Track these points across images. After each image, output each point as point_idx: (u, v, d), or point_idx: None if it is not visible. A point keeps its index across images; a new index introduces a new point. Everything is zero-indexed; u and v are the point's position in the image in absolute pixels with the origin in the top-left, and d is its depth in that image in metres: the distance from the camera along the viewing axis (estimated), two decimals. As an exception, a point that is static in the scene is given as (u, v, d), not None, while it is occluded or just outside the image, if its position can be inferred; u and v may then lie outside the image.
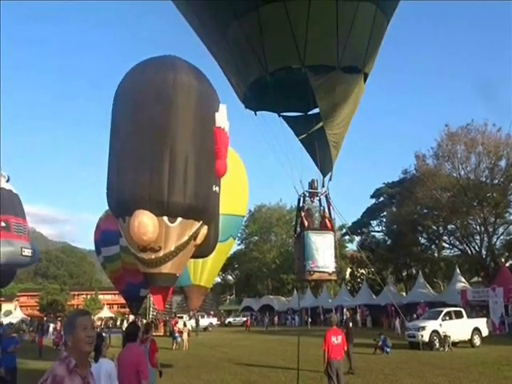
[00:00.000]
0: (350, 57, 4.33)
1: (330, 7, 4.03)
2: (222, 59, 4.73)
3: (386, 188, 45.93)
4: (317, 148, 4.87)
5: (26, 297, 71.43)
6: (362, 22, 4.24)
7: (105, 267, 21.40)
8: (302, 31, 4.06)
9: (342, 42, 4.18)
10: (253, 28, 4.11)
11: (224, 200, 19.84)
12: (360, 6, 4.08)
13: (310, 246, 6.09)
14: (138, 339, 5.17)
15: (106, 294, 68.58)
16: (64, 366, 2.26)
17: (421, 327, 18.13)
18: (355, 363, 12.16)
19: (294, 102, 4.76)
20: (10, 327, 12.73)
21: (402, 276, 45.68)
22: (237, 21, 4.15)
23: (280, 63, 4.24)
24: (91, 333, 2.36)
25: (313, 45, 4.14)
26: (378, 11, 4.31)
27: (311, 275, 6.16)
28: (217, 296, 59.97)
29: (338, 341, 7.38)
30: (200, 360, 16.01)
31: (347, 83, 4.46)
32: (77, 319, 2.37)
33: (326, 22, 4.13)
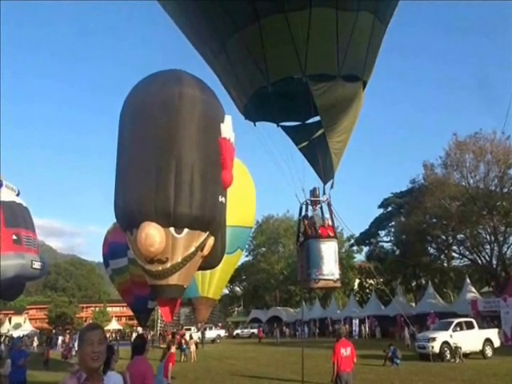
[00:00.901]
0: (350, 65, 4.42)
1: (330, 17, 4.13)
2: (222, 71, 4.82)
3: (394, 198, 45.70)
4: (317, 156, 4.91)
5: (35, 310, 71.62)
6: (361, 31, 4.34)
7: (113, 280, 21.49)
8: (302, 41, 4.14)
9: (342, 51, 4.27)
10: (254, 40, 4.18)
11: (231, 212, 19.88)
12: (359, 15, 4.19)
13: (314, 254, 6.09)
14: (145, 352, 5.17)
15: (115, 307, 68.57)
16: (75, 379, 2.28)
17: (431, 338, 17.89)
18: None
19: (293, 111, 4.83)
20: (20, 340, 12.82)
21: (411, 286, 45.18)
22: (238, 33, 4.22)
23: (281, 74, 4.32)
24: (97, 348, 2.32)
25: (313, 54, 4.19)
26: (375, 20, 4.41)
27: (317, 283, 6.18)
28: (225, 308, 59.72)
29: (347, 352, 7.32)
30: (208, 372, 15.92)
31: (347, 91, 4.54)
32: (85, 334, 2.37)
33: (326, 32, 4.20)
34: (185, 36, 5.04)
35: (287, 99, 4.56)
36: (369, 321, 36.44)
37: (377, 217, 47.82)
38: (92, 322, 3.49)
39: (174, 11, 4.88)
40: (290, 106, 4.72)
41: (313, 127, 4.85)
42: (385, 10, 4.56)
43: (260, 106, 4.73)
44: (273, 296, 56.95)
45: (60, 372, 17.28)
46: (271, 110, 4.73)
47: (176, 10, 4.81)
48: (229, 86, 4.91)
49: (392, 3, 4.69)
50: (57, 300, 64.83)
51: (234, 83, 4.72)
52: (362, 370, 15.24)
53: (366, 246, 50.81)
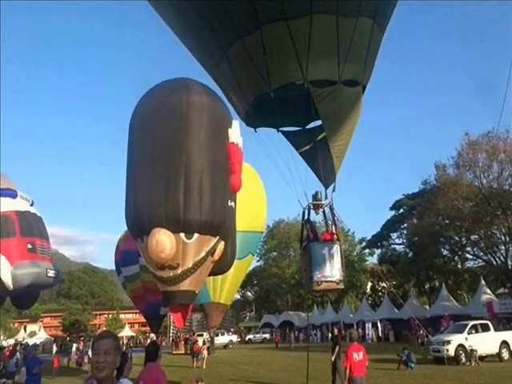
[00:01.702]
0: (350, 70, 4.47)
1: (331, 23, 4.20)
2: (223, 78, 4.89)
3: (406, 199, 45.34)
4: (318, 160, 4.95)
5: (49, 317, 72.25)
6: (361, 36, 4.40)
7: (125, 287, 21.63)
8: (303, 48, 4.20)
9: (342, 57, 4.35)
10: (256, 47, 4.24)
11: (242, 217, 19.90)
12: (358, 20, 4.28)
13: (316, 256, 6.17)
14: (158, 358, 5.17)
15: (127, 313, 68.88)
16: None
17: (446, 341, 17.64)
18: None
19: (293, 116, 4.89)
20: (34, 348, 12.99)
21: (425, 289, 44.68)
22: (240, 40, 4.29)
23: (283, 80, 4.39)
24: (102, 358, 2.30)
25: (314, 60, 4.24)
26: (374, 25, 4.49)
27: (319, 285, 6.21)
28: (236, 313, 59.58)
29: (359, 357, 7.29)
30: (221, 378, 15.89)
31: (348, 96, 4.61)
32: (94, 343, 2.38)
33: (326, 38, 4.27)
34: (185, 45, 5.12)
35: (288, 105, 4.64)
36: (382, 324, 36.07)
37: (388, 219, 47.49)
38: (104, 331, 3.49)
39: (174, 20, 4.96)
40: (290, 112, 4.80)
41: (313, 132, 4.91)
42: (383, 14, 4.64)
43: (261, 112, 4.80)
44: (284, 300, 56.74)
45: (74, 378, 17.42)
46: (272, 116, 4.81)
47: (177, 19, 4.90)
48: (230, 92, 4.97)
49: (390, 8, 4.71)
50: (71, 308, 65.34)
51: (236, 90, 4.79)
52: (375, 374, 15.08)
53: (378, 248, 50.46)
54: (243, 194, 16.11)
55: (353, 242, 56.11)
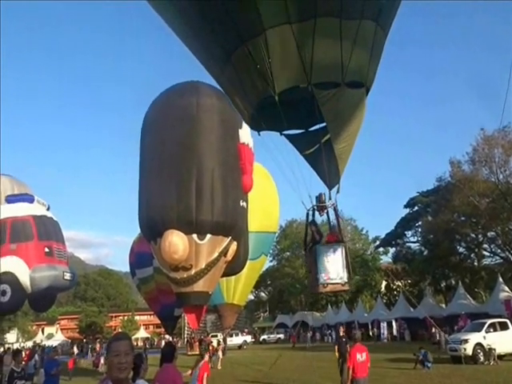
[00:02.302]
0: (354, 72, 4.48)
1: (334, 27, 4.25)
2: (228, 83, 4.92)
3: (421, 197, 44.83)
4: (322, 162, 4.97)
5: (66, 320, 73.17)
6: (364, 39, 4.46)
7: (140, 289, 21.80)
8: (307, 51, 4.25)
9: (345, 59, 4.39)
10: (260, 51, 4.29)
11: (255, 217, 19.85)
12: (362, 23, 4.33)
13: (321, 259, 6.20)
14: (174, 359, 5.17)
15: (142, 315, 69.40)
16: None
17: (463, 340, 17.37)
18: None
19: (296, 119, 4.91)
20: (52, 350, 13.20)
21: (441, 287, 44.11)
22: (244, 45, 4.33)
23: (288, 83, 4.38)
24: (124, 359, 2.30)
25: (318, 63, 4.29)
26: (377, 28, 4.54)
27: (325, 287, 6.23)
28: (250, 313, 59.65)
29: (362, 358, 7.22)
30: (235, 379, 15.90)
31: (352, 97, 4.60)
32: (111, 344, 2.37)
33: (330, 41, 4.31)
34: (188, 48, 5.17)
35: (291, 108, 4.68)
36: (397, 323, 35.68)
37: (403, 217, 47.02)
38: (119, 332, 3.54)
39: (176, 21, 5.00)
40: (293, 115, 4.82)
41: (317, 134, 4.94)
42: (386, 17, 4.69)
43: (265, 115, 4.83)
44: (298, 300, 56.56)
45: (90, 379, 17.61)
46: (275, 119, 4.84)
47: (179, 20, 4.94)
48: (234, 96, 5.02)
49: (393, 11, 4.76)
50: (87, 310, 66.02)
51: (240, 93, 4.81)
52: (391, 373, 14.94)
53: (392, 247, 50.00)
54: (255, 195, 16.11)
55: (366, 241, 55.70)
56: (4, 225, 17.02)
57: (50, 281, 16.69)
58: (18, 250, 16.67)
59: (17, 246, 16.73)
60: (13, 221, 17.04)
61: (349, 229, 57.04)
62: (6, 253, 16.66)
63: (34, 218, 17.35)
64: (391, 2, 4.71)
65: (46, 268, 16.67)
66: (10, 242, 16.83)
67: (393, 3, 4.75)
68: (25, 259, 16.56)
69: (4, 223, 17.04)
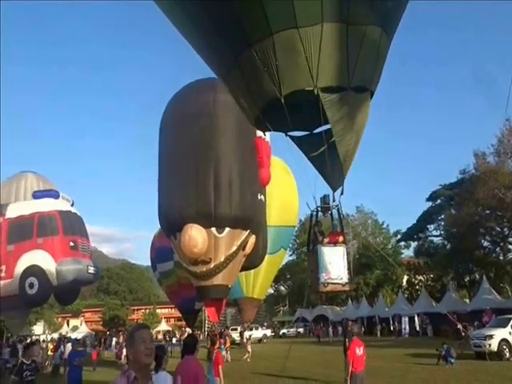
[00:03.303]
0: (359, 77, 4.57)
1: (341, 32, 4.38)
2: (235, 84, 4.98)
3: (444, 190, 43.97)
4: (326, 164, 5.02)
5: (90, 312, 74.89)
6: (370, 44, 4.56)
7: (161, 283, 22.11)
8: (314, 55, 4.36)
9: (351, 64, 4.50)
10: (267, 53, 4.41)
11: (274, 212, 19.84)
12: (368, 29, 4.45)
13: (323, 259, 6.40)
14: (196, 351, 5.20)
15: (164, 308, 70.43)
16: (124, 378, 2.34)
17: (488, 336, 17.00)
18: None
19: (301, 121, 5.03)
20: (76, 342, 13.61)
21: (465, 282, 43.24)
22: (251, 47, 4.43)
23: (294, 86, 4.47)
24: (150, 345, 2.41)
25: (325, 67, 4.41)
26: (383, 34, 4.63)
27: (326, 287, 6.43)
28: (270, 307, 59.80)
29: (360, 352, 7.38)
30: (255, 372, 15.94)
31: (357, 102, 4.68)
32: (136, 333, 2.46)
33: (337, 46, 4.42)
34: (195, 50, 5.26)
35: (296, 110, 4.81)
36: (419, 318, 35.17)
37: (425, 210, 46.23)
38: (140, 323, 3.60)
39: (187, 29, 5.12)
40: (298, 117, 4.95)
41: (321, 136, 5.06)
42: (391, 22, 4.80)
43: (270, 116, 4.86)
44: (318, 295, 56.40)
45: (113, 369, 17.95)
46: (281, 121, 4.86)
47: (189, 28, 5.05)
48: (240, 97, 5.07)
49: (398, 16, 4.86)
50: (110, 303, 67.40)
51: (246, 95, 4.89)
52: (414, 368, 14.75)
53: (414, 241, 49.27)
54: (275, 189, 16.08)
55: (387, 235, 55.03)
56: (31, 220, 17.48)
57: (74, 274, 17.08)
58: (44, 244, 17.11)
59: (43, 240, 17.16)
60: (39, 216, 17.47)
61: (369, 222, 56.49)
62: (33, 247, 17.13)
63: (60, 214, 17.76)
64: (397, 8, 4.82)
65: (71, 262, 17.07)
66: (37, 237, 17.28)
67: (398, 9, 4.85)
68: (51, 253, 16.98)
69: (31, 218, 17.50)
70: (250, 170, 9.71)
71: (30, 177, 19.54)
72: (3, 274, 17.31)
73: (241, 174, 9.54)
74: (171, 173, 10.66)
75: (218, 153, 9.87)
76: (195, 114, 10.29)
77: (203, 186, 9.52)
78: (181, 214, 9.78)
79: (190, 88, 11.15)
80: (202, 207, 9.52)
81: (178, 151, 10.45)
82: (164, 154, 11.30)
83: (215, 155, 9.69)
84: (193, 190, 9.63)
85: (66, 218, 18.03)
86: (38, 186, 19.11)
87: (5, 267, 17.36)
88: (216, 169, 9.56)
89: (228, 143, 9.79)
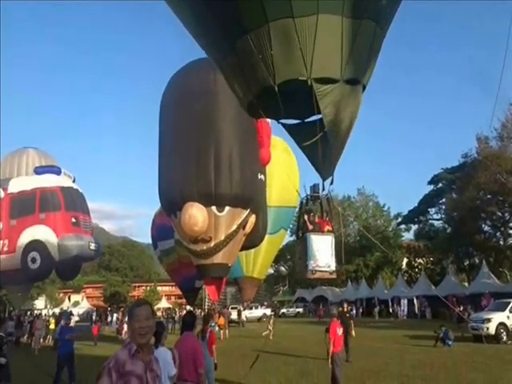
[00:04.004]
0: (352, 70, 4.65)
1: (336, 24, 4.45)
2: (229, 69, 5.02)
3: (445, 174, 43.80)
4: (317, 153, 5.04)
5: (91, 288, 75.81)
6: (363, 38, 4.65)
7: (161, 261, 22.19)
8: (309, 46, 4.42)
9: (345, 57, 4.58)
10: (262, 41, 4.47)
11: (275, 192, 19.70)
12: (362, 23, 4.52)
13: (311, 247, 6.64)
14: (194, 328, 5.25)
15: (164, 286, 71.20)
16: (126, 351, 2.37)
17: (486, 319, 17.12)
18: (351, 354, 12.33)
19: (294, 109, 4.98)
20: (68, 317, 13.86)
21: (464, 266, 43.46)
22: (247, 34, 4.49)
23: (288, 75, 4.54)
24: (144, 324, 2.38)
25: (319, 58, 4.46)
26: (377, 28, 4.70)
27: (313, 274, 6.70)
28: (270, 287, 60.37)
29: (340, 332, 7.72)
30: (253, 350, 16.09)
31: (349, 94, 4.77)
32: (133, 310, 2.46)
33: (331, 38, 4.48)
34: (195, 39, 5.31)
35: (289, 98, 4.73)
36: (418, 301, 35.47)
37: (426, 194, 46.19)
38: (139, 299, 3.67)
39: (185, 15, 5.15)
40: (291, 105, 4.88)
41: (313, 125, 4.99)
42: (386, 18, 4.87)
43: (263, 103, 4.90)
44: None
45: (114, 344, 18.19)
46: (273, 108, 4.91)
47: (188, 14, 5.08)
48: (234, 83, 5.12)
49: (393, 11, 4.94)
50: (111, 279, 68.02)
51: (241, 81, 4.94)
52: (412, 350, 14.89)
53: (414, 224, 49.34)
54: (275, 169, 15.92)
55: (388, 218, 55.04)
56: (33, 195, 17.49)
57: (76, 250, 17.18)
58: (46, 220, 17.16)
59: (45, 216, 17.21)
60: (41, 191, 17.48)
61: (370, 205, 56.41)
62: (35, 222, 17.18)
63: (62, 190, 17.76)
64: (392, 4, 4.88)
65: (73, 237, 17.15)
66: (39, 212, 17.32)
67: (393, 4, 4.92)
68: (53, 228, 17.05)
69: (33, 193, 17.51)
70: (251, 149, 9.63)
71: (31, 153, 19.43)
72: (6, 249, 17.42)
73: (241, 153, 9.46)
74: (172, 151, 10.56)
75: (219, 132, 9.78)
76: (196, 93, 10.14)
77: (204, 165, 9.43)
78: (181, 192, 9.72)
79: (192, 67, 10.97)
80: (203, 186, 9.45)
81: (179, 130, 10.33)
82: (164, 133, 11.19)
83: (216, 134, 9.60)
84: (193, 169, 9.55)
85: (68, 194, 18.03)
86: (40, 161, 19.03)
87: (7, 241, 17.46)
88: (216, 148, 9.46)
89: (229, 122, 9.67)
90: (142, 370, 2.37)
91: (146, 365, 2.39)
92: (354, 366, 11.27)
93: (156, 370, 2.48)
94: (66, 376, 9.68)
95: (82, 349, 18.29)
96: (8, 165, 18.82)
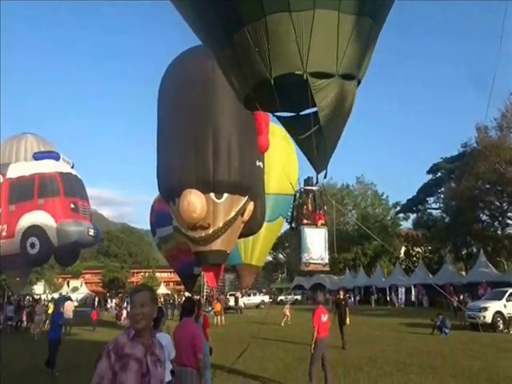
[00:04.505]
0: (348, 65, 4.73)
1: (333, 19, 4.52)
2: (226, 61, 5.08)
3: (444, 163, 43.76)
4: (312, 147, 5.11)
5: (90, 274, 76.18)
6: (359, 34, 4.72)
7: (160, 247, 22.21)
8: (305, 40, 4.50)
9: (341, 52, 4.65)
10: (260, 34, 4.55)
11: (273, 180, 19.59)
12: (359, 19, 4.59)
13: (305, 240, 6.81)
14: (193, 314, 5.27)
15: (163, 272, 71.55)
16: (125, 335, 2.41)
17: (483, 308, 17.24)
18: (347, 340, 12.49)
19: (289, 103, 5.00)
20: (59, 303, 14.09)
21: (462, 255, 43.67)
22: (244, 27, 4.55)
23: (284, 69, 4.60)
24: (138, 310, 2.40)
25: (315, 53, 4.53)
26: (373, 24, 4.76)
27: (307, 266, 6.89)
28: (268, 274, 60.70)
29: (325, 319, 7.81)
30: (252, 336, 16.20)
31: (344, 88, 4.86)
32: (131, 296, 2.51)
33: (327, 33, 4.54)
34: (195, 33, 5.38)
35: (284, 91, 4.76)
36: (416, 289, 35.71)
37: (425, 183, 46.19)
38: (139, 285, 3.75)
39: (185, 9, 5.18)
40: (286, 98, 4.91)
41: (307, 119, 5.02)
42: (382, 14, 4.93)
43: (259, 96, 4.96)
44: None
45: (113, 329, 18.30)
46: (269, 101, 4.97)
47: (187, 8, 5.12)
48: (231, 75, 5.18)
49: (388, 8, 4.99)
50: (110, 265, 68.31)
51: (237, 73, 5.01)
52: (409, 337, 14.99)
53: (413, 213, 49.46)
54: (274, 157, 15.85)
55: (386, 207, 55.10)
56: (32, 180, 17.44)
57: (75, 236, 17.19)
58: (45, 205, 17.14)
59: (44, 201, 17.18)
60: (40, 177, 17.42)
61: (369, 193, 56.43)
62: (34, 207, 17.16)
63: (61, 175, 17.71)
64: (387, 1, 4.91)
65: (72, 223, 17.14)
66: (38, 197, 17.29)
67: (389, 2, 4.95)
68: (52, 214, 17.03)
69: (32, 179, 17.45)
70: (249, 136, 9.61)
71: (30, 138, 19.30)
72: (4, 234, 17.42)
73: (240, 140, 9.44)
74: (170, 138, 10.54)
75: (217, 119, 9.77)
76: (194, 80, 10.10)
77: (202, 152, 9.43)
78: (180, 179, 9.72)
79: (190, 53, 10.89)
80: (201, 174, 9.47)
81: (177, 117, 10.30)
82: (163, 120, 11.15)
83: (213, 122, 9.59)
84: (192, 155, 9.56)
85: (67, 180, 17.98)
86: (39, 147, 18.91)
87: (6, 226, 17.45)
88: (215, 135, 9.46)
89: (227, 110, 9.63)
90: (141, 354, 2.37)
91: (146, 348, 2.40)
92: (351, 353, 11.35)
93: (158, 355, 2.47)
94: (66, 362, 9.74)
95: (81, 334, 18.43)
96: (6, 150, 18.70)
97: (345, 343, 12.37)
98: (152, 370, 2.39)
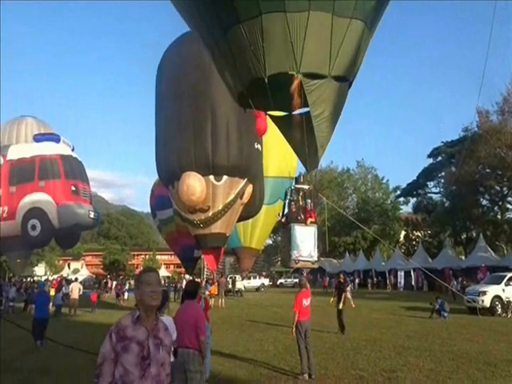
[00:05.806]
0: (340, 67, 4.89)
1: (326, 22, 4.63)
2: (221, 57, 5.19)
3: (445, 147, 43.56)
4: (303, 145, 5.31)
5: (90, 256, 76.67)
6: (352, 37, 4.85)
7: (160, 230, 22.28)
8: (299, 41, 4.62)
9: (333, 54, 4.79)
10: (255, 33, 4.64)
11: (272, 163, 19.56)
12: (352, 22, 4.70)
13: (295, 237, 6.96)
14: (197, 297, 5.26)
15: (163, 255, 72.01)
16: (129, 317, 2.43)
17: (481, 292, 17.31)
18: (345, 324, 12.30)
19: (282, 101, 5.08)
20: (44, 285, 14.22)
21: (461, 239, 43.83)
22: (240, 25, 4.64)
23: (278, 68, 4.74)
24: (156, 288, 2.43)
25: (308, 54, 4.67)
26: (365, 28, 4.88)
27: (296, 263, 7.06)
28: (268, 257, 61.02)
29: (307, 303, 7.74)
30: (253, 319, 16.35)
31: (335, 90, 5.02)
32: (143, 276, 2.51)
33: (321, 35, 4.66)
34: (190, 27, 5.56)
35: (277, 90, 4.90)
36: (415, 273, 35.92)
37: (426, 167, 46.08)
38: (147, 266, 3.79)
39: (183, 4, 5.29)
40: (279, 97, 5.02)
41: (300, 118, 5.19)
42: (374, 19, 5.09)
43: (252, 94, 5.13)
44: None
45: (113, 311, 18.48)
46: (262, 100, 5.14)
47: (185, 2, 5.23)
48: (225, 72, 5.32)
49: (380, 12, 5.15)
50: (110, 248, 68.65)
51: (232, 71, 5.14)
52: (407, 321, 15.10)
53: (413, 197, 49.46)
54: (272, 140, 15.74)
55: (387, 191, 55.08)
56: (32, 163, 17.37)
57: (76, 218, 17.22)
58: (46, 187, 17.11)
59: (45, 183, 17.15)
60: (41, 159, 17.35)
61: (369, 177, 56.34)
62: (35, 189, 17.14)
63: (61, 158, 17.65)
64: (380, 5, 5.06)
65: (73, 206, 17.15)
66: (39, 179, 17.24)
67: (381, 6, 5.10)
68: (53, 196, 17.03)
69: (32, 161, 17.38)
70: (247, 119, 9.58)
71: (29, 121, 19.17)
72: (5, 215, 17.43)
73: (237, 123, 9.42)
74: (169, 122, 10.49)
75: (215, 103, 9.74)
76: (192, 64, 10.01)
77: (201, 135, 9.37)
78: (179, 163, 9.67)
79: (186, 38, 10.78)
80: (200, 157, 9.43)
81: (176, 101, 10.24)
82: (161, 104, 11.08)
83: (212, 105, 9.55)
84: (191, 139, 9.52)
85: (67, 163, 17.92)
86: (39, 130, 18.82)
87: (7, 208, 17.45)
88: (213, 118, 9.42)
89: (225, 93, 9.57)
90: (143, 337, 2.36)
91: (149, 331, 2.39)
92: (349, 336, 11.42)
93: (162, 338, 2.45)
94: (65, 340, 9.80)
95: (81, 315, 18.58)
96: (6, 132, 18.58)
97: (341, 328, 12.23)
98: (153, 354, 2.36)
